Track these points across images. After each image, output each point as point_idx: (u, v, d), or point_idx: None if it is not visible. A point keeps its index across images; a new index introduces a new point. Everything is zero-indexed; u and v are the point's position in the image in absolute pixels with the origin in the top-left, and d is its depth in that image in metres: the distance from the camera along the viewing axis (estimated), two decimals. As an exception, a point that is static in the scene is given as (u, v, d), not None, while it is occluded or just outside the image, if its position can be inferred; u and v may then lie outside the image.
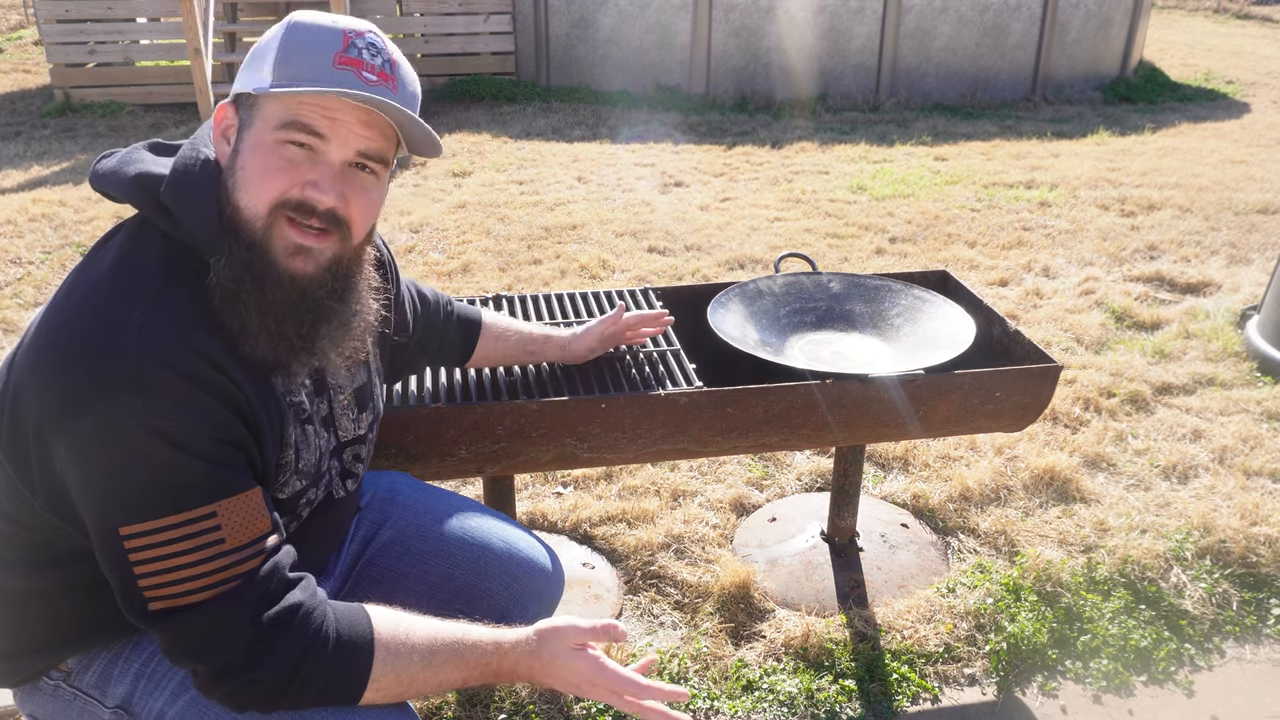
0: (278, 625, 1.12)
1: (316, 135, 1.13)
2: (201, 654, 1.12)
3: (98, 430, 1.05)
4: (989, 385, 1.95)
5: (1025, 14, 8.57)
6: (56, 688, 1.29)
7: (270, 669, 1.12)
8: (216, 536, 1.09)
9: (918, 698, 2.08)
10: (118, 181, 1.19)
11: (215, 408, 1.09)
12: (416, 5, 8.35)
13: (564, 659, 1.24)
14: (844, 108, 8.38)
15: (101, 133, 7.14)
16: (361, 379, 1.39)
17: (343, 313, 1.21)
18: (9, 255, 4.61)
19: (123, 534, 1.07)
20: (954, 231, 5.04)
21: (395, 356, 1.62)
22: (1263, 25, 14.46)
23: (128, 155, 1.22)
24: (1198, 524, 2.54)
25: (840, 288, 2.28)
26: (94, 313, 1.09)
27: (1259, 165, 6.43)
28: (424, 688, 1.21)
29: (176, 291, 1.11)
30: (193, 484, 1.08)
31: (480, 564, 1.55)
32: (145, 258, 1.13)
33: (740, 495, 2.73)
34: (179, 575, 1.08)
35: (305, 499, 1.29)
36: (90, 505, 1.09)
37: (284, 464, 1.22)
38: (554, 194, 5.71)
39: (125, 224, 1.19)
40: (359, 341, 1.27)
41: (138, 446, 1.05)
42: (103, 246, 1.18)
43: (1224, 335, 3.70)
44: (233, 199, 1.14)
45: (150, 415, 1.05)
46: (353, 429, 1.37)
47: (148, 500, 1.07)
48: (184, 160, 1.18)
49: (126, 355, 1.05)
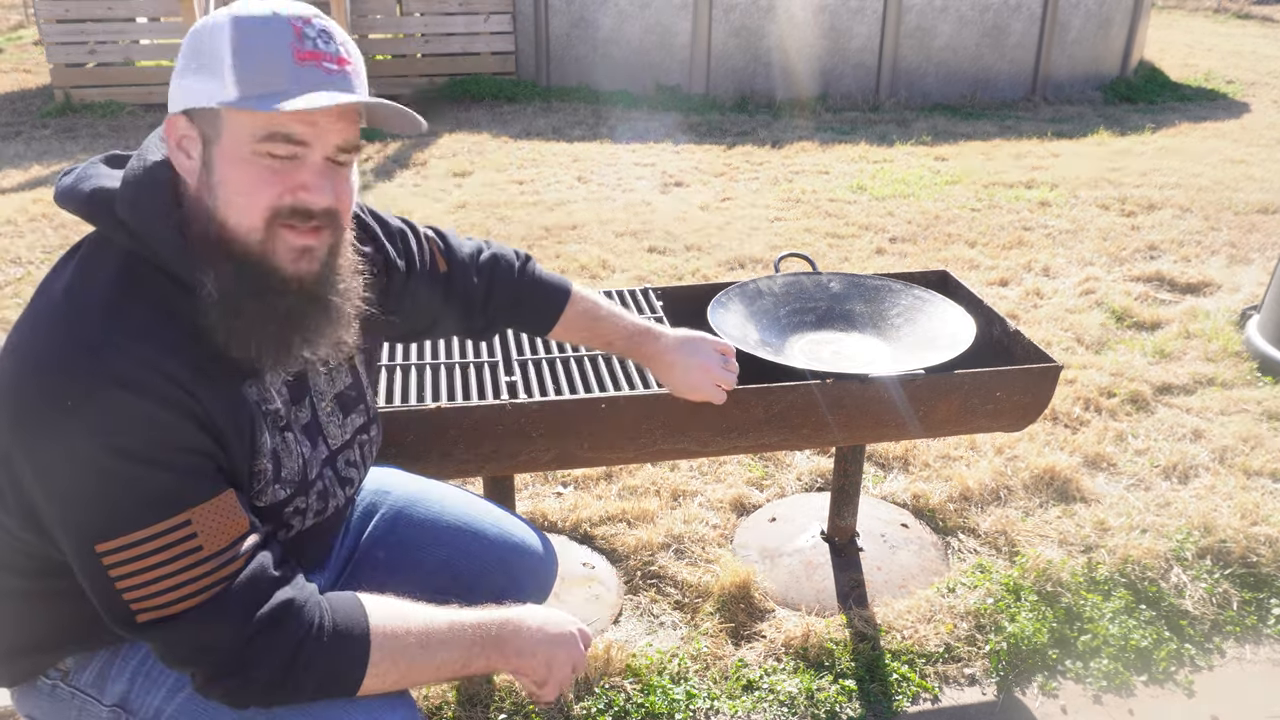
0: (269, 623, 1.12)
1: (301, 144, 1.11)
2: (196, 659, 1.12)
3: (60, 453, 1.05)
4: (989, 385, 1.95)
5: (1025, 14, 8.57)
6: (54, 687, 1.29)
7: (265, 667, 1.12)
8: (194, 544, 1.09)
9: (918, 698, 2.08)
10: (75, 199, 1.16)
11: (174, 421, 1.08)
12: (416, 5, 8.34)
13: (554, 621, 1.31)
14: (844, 107, 8.38)
15: (101, 133, 7.14)
16: (345, 381, 1.37)
17: (336, 303, 1.20)
18: (9, 255, 4.61)
19: (99, 551, 1.07)
20: (954, 231, 5.03)
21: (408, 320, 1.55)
22: (1263, 25, 14.46)
23: (84, 171, 1.19)
24: (1198, 524, 2.54)
25: (840, 288, 2.28)
26: (49, 335, 1.08)
27: (1259, 165, 6.43)
28: (424, 672, 1.22)
29: (132, 307, 1.10)
30: (162, 495, 1.07)
31: (475, 550, 1.56)
32: (101, 275, 1.12)
33: (740, 495, 2.73)
34: (162, 585, 1.08)
35: (292, 508, 1.27)
36: (62, 526, 1.08)
37: (259, 471, 1.20)
38: (554, 194, 5.71)
39: (85, 239, 1.18)
40: (349, 329, 1.24)
41: (101, 466, 1.05)
42: (65, 263, 1.16)
43: (1224, 335, 3.70)
44: (216, 216, 1.12)
45: (110, 434, 1.04)
46: (340, 435, 1.35)
47: (118, 516, 1.06)
48: (133, 172, 1.15)
49: (81, 376, 1.04)
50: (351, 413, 1.38)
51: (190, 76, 1.12)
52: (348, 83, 1.13)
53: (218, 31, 1.10)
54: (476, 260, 1.62)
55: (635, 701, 2.03)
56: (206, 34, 1.11)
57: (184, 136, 1.13)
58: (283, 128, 1.10)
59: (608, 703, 2.03)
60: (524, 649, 1.27)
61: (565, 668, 1.30)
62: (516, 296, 1.65)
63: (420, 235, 1.56)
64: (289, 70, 1.09)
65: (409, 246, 1.53)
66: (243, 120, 1.10)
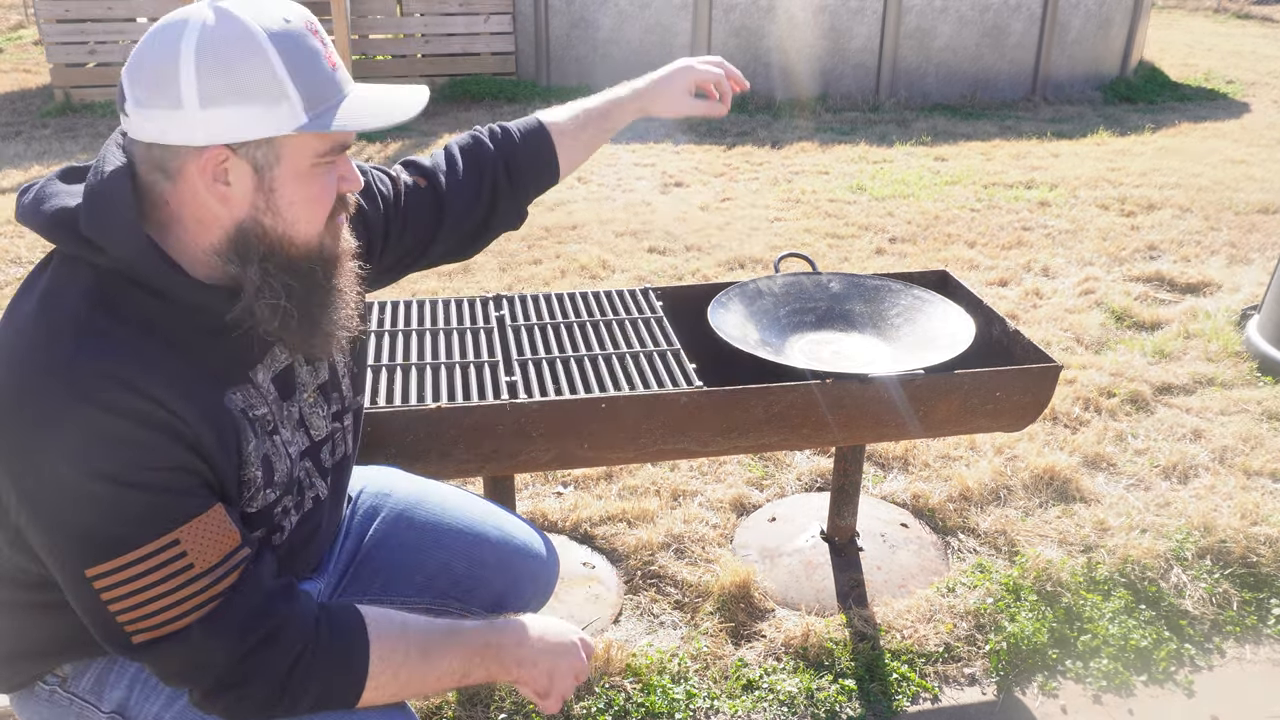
0: (265, 637, 1.11)
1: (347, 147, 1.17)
2: (192, 676, 1.11)
3: (42, 480, 1.03)
4: (989, 385, 1.95)
5: (1025, 14, 8.57)
6: (52, 693, 1.28)
7: (263, 681, 1.11)
8: (184, 563, 1.07)
9: (918, 697, 2.08)
10: (38, 221, 1.12)
11: (154, 439, 1.05)
12: (416, 5, 8.34)
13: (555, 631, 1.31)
14: (844, 108, 8.38)
15: (101, 133, 7.14)
16: (324, 374, 1.34)
17: (342, 284, 1.23)
18: (9, 255, 4.61)
19: (89, 576, 1.05)
20: (954, 231, 5.03)
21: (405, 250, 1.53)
22: (1263, 25, 14.46)
23: (42, 189, 1.14)
24: (1198, 524, 2.54)
25: (840, 288, 2.28)
26: (23, 358, 1.05)
27: (1259, 165, 6.43)
28: (424, 683, 1.21)
29: (105, 323, 1.06)
30: (147, 517, 1.06)
31: (475, 552, 1.55)
32: (71, 292, 1.08)
33: (740, 495, 2.74)
34: (156, 606, 1.07)
35: (280, 507, 1.26)
36: (50, 552, 1.07)
37: (248, 480, 1.18)
38: (554, 194, 5.71)
39: (54, 252, 1.15)
40: (352, 309, 1.24)
41: (84, 490, 1.03)
42: (35, 279, 1.14)
43: (1224, 335, 3.70)
44: (285, 234, 1.12)
45: (90, 458, 1.02)
46: (324, 426, 1.34)
47: (106, 540, 1.05)
48: (92, 187, 1.09)
49: (57, 399, 1.02)
50: (330, 403, 1.35)
51: (230, 106, 1.05)
52: (348, 77, 1.17)
53: (264, 48, 1.05)
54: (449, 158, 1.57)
55: (635, 701, 2.03)
56: (237, 56, 1.05)
57: (227, 169, 1.08)
58: (344, 139, 1.14)
59: (608, 702, 2.03)
60: (525, 659, 1.27)
61: (567, 678, 1.29)
62: (505, 161, 1.58)
63: (387, 170, 1.53)
64: (329, 79, 1.12)
65: (379, 187, 1.49)
66: (306, 139, 1.10)
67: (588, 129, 1.67)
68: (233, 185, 1.09)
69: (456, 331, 2.11)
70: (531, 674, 1.27)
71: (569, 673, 1.29)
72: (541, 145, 1.62)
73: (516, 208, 1.63)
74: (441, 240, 1.55)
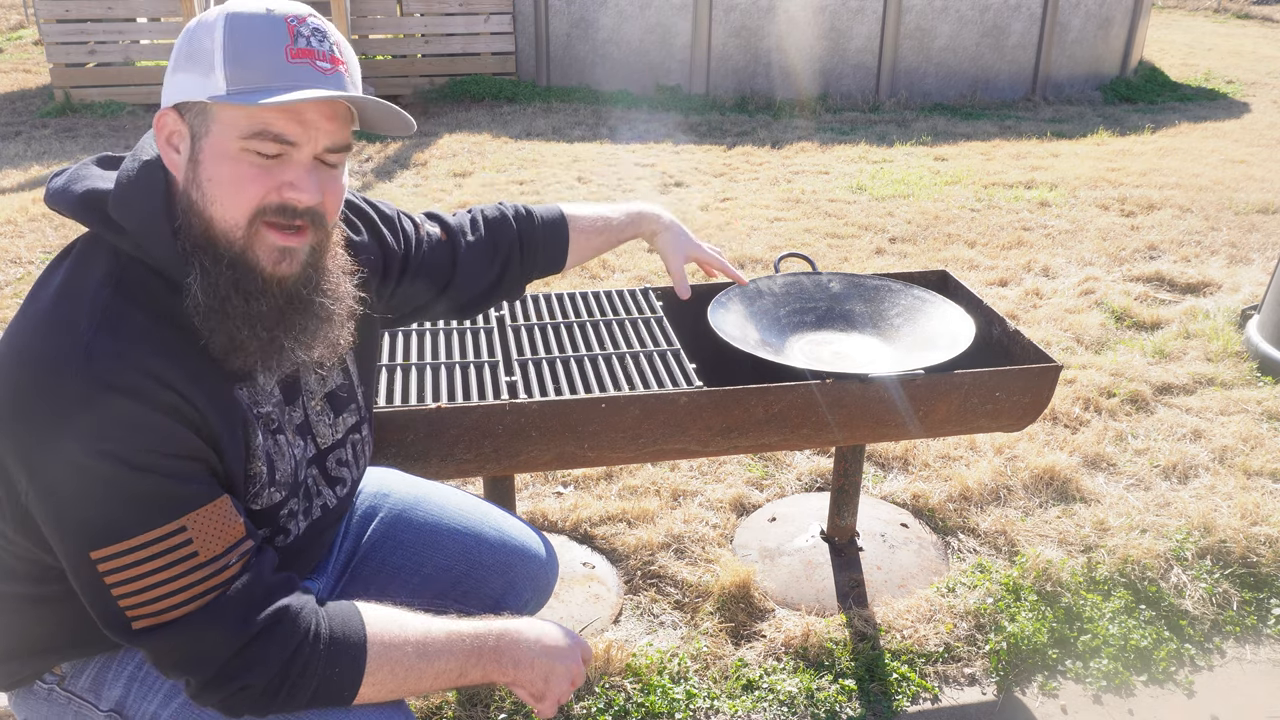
0: (264, 630, 1.12)
1: (289, 143, 1.10)
2: (190, 666, 1.11)
3: (54, 460, 1.04)
4: (989, 385, 1.95)
5: (1025, 14, 8.57)
6: (50, 691, 1.29)
7: (260, 674, 1.11)
8: (189, 550, 1.08)
9: (918, 697, 2.08)
10: (67, 201, 1.15)
11: (168, 425, 1.07)
12: (416, 5, 8.34)
13: (552, 634, 1.31)
14: (844, 108, 8.38)
15: (101, 133, 7.14)
16: (335, 381, 1.36)
17: (324, 304, 1.19)
18: (9, 255, 4.61)
19: (94, 558, 1.06)
20: (954, 231, 5.03)
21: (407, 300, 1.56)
22: (1263, 25, 14.46)
23: (75, 172, 1.18)
24: (1198, 524, 2.54)
25: (840, 288, 2.28)
26: (41, 341, 1.07)
27: (1259, 165, 6.43)
28: (421, 681, 1.21)
29: (123, 310, 1.08)
30: (156, 502, 1.07)
31: (474, 553, 1.56)
32: (91, 278, 1.10)
33: (740, 495, 2.73)
34: (159, 592, 1.08)
35: (286, 510, 1.26)
36: (58, 534, 1.08)
37: (253, 475, 1.19)
38: (554, 194, 5.71)
39: (77, 241, 1.17)
40: (343, 329, 1.23)
41: (95, 472, 1.04)
42: (57, 265, 1.15)
43: (1224, 335, 3.70)
44: (203, 212, 1.11)
45: (103, 440, 1.03)
46: (331, 434, 1.35)
47: (113, 523, 1.06)
48: (126, 172, 1.14)
49: (75, 382, 1.03)
50: (343, 412, 1.37)
51: (182, 72, 1.11)
52: (340, 82, 1.13)
53: (211, 27, 1.10)
54: (473, 223, 1.66)
55: (635, 701, 2.03)
56: (200, 30, 1.11)
57: (173, 132, 1.12)
58: (271, 126, 1.09)
59: (608, 702, 2.03)
60: (521, 660, 1.27)
61: (563, 681, 1.29)
62: (521, 241, 1.68)
63: (413, 216, 1.60)
64: (280, 67, 1.09)
65: (404, 227, 1.54)
66: (231, 116, 1.08)
67: (602, 235, 1.80)
68: (180, 153, 1.13)
69: (456, 331, 2.11)
70: (527, 676, 1.27)
71: (565, 676, 1.29)
72: (558, 237, 1.74)
73: (519, 285, 1.74)
74: (447, 298, 1.61)
